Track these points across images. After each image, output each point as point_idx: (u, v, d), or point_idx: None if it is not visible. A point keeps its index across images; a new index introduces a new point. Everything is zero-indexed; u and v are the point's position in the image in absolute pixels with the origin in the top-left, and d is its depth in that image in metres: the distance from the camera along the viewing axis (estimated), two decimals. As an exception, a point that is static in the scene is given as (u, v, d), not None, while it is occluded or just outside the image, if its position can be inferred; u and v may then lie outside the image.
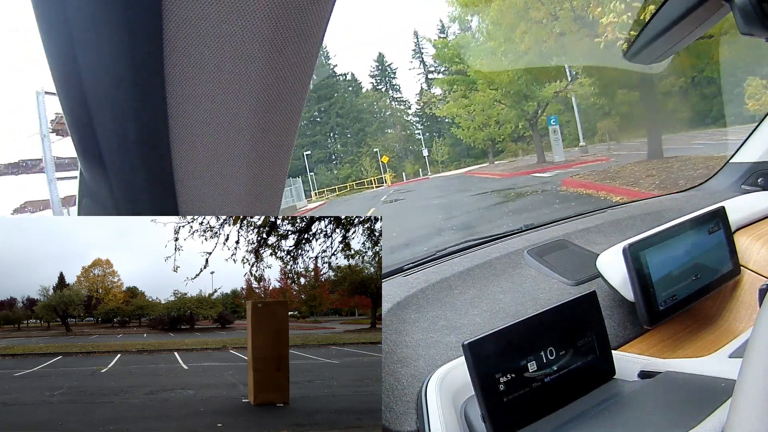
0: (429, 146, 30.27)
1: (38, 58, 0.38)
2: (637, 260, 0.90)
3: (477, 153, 26.88)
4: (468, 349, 0.63)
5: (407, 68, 45.76)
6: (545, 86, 16.64)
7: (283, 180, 0.49)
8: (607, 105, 19.81)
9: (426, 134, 32.02)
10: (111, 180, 0.41)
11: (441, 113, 21.99)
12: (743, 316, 0.99)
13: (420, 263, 1.20)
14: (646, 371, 0.73)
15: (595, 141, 21.14)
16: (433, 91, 30.50)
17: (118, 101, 0.36)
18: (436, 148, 29.88)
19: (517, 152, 24.27)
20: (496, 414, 0.63)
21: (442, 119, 30.67)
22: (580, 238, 1.27)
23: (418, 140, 31.87)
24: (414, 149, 31.87)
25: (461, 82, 18.73)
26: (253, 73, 0.37)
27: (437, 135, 31.49)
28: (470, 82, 18.17)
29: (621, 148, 17.56)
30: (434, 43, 19.76)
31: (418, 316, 0.97)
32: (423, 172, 28.68)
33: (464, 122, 19.58)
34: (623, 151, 15.87)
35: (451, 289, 1.06)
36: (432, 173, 27.74)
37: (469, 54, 17.20)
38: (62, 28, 0.34)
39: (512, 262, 1.16)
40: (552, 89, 16.74)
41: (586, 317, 0.73)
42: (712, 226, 1.01)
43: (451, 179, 20.08)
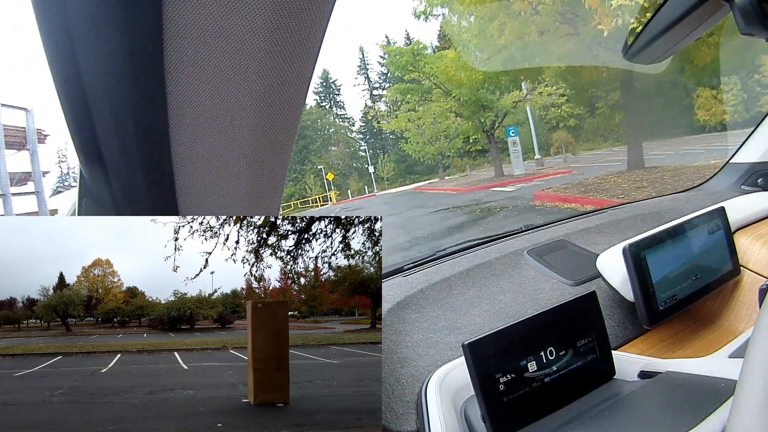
0: (374, 163, 29.70)
1: (38, 58, 0.38)
2: (637, 260, 0.90)
3: (422, 169, 26.24)
4: (468, 349, 0.63)
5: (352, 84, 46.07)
6: (504, 95, 15.71)
7: (283, 180, 0.49)
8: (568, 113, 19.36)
9: (370, 151, 31.57)
10: (111, 180, 0.41)
11: (389, 128, 20.97)
12: (743, 316, 0.99)
13: (420, 263, 1.20)
14: (646, 371, 0.73)
15: (551, 153, 20.62)
16: (379, 106, 30.22)
17: (118, 101, 0.36)
18: (382, 165, 29.26)
19: (464, 167, 23.58)
20: (496, 414, 0.63)
21: (386, 135, 30.36)
22: (580, 239, 1.27)
23: (363, 157, 31.36)
24: (358, 166, 31.39)
25: (415, 91, 17.68)
26: (253, 73, 0.37)
27: (382, 151, 31.07)
28: (424, 91, 17.23)
29: (577, 160, 17.07)
30: (386, 50, 18.13)
31: (418, 316, 0.97)
32: (369, 189, 27.99)
33: (413, 136, 18.83)
34: (579, 163, 15.42)
35: (451, 289, 1.06)
36: (378, 190, 27.05)
37: (425, 62, 15.99)
38: (62, 28, 0.34)
39: (512, 262, 1.16)
40: (511, 99, 15.94)
41: (586, 317, 0.73)
42: (712, 227, 1.01)
43: (400, 195, 19.17)
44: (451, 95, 15.70)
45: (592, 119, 21.38)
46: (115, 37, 0.33)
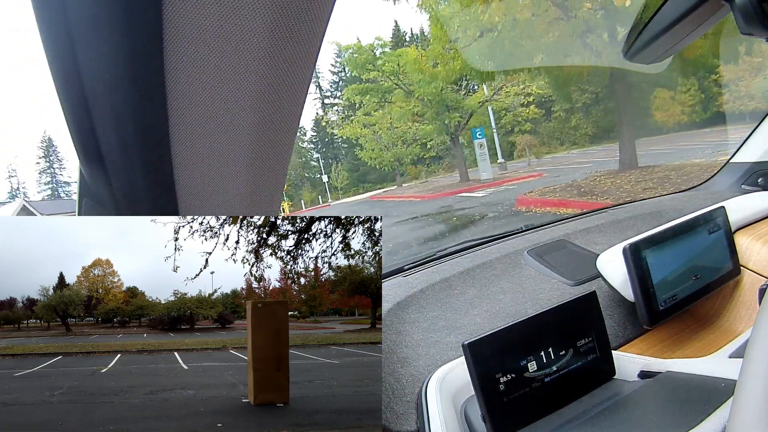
0: (327, 172, 28.70)
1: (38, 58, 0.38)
2: (637, 260, 0.90)
3: (376, 177, 24.76)
4: (468, 349, 0.63)
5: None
6: (469, 95, 14.87)
7: (283, 180, 0.49)
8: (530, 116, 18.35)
9: (323, 160, 30.66)
10: (111, 180, 0.41)
11: (342, 134, 20.02)
12: (743, 316, 0.99)
13: (420, 263, 1.20)
14: (646, 371, 0.73)
15: (514, 157, 19.82)
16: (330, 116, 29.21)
17: (118, 101, 0.36)
18: (335, 174, 27.99)
19: (418, 174, 22.35)
20: (496, 414, 0.63)
21: (339, 144, 29.40)
22: (580, 238, 1.27)
23: (315, 167, 30.36)
24: (311, 176, 30.43)
25: (375, 91, 15.73)
26: (253, 73, 0.37)
27: (335, 160, 30.14)
28: (384, 91, 15.46)
29: (540, 163, 16.33)
30: (344, 48, 16.13)
31: (418, 316, 0.97)
32: (323, 199, 26.87)
33: (368, 143, 17.40)
34: (544, 166, 14.77)
35: (451, 289, 1.06)
36: (333, 200, 25.93)
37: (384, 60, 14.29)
38: (62, 28, 0.34)
39: (512, 262, 1.16)
40: (477, 98, 14.96)
41: (586, 317, 0.73)
42: (712, 226, 1.01)
43: (358, 204, 18.38)
44: (414, 95, 14.38)
45: (548, 123, 20.88)
46: (115, 37, 0.33)
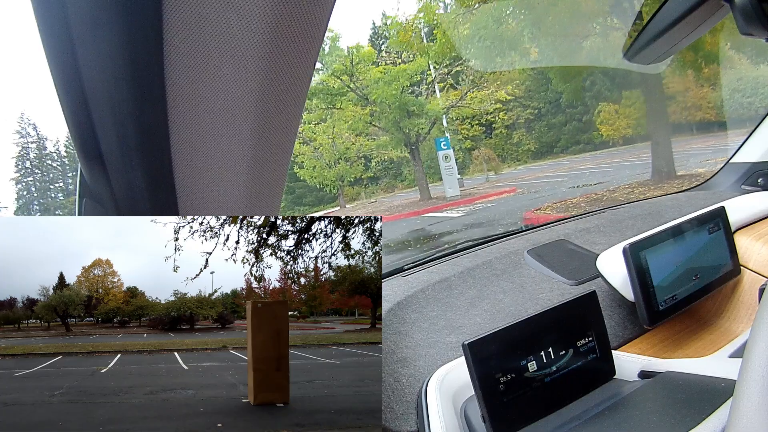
0: None
1: (38, 58, 0.38)
2: (637, 260, 0.90)
3: (312, 200, 22.24)
4: (468, 349, 0.63)
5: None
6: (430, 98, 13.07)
7: (283, 180, 0.49)
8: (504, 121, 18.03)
9: None
10: (111, 180, 0.41)
11: None
12: (743, 316, 0.99)
13: (420, 263, 1.20)
14: (646, 371, 0.73)
15: (472, 172, 18.59)
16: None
17: (118, 101, 0.36)
18: None
19: (356, 195, 20.29)
20: (496, 414, 0.63)
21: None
22: (580, 238, 1.27)
23: None
24: None
25: (324, 93, 12.84)
26: (253, 74, 0.37)
27: None
28: (335, 95, 12.97)
29: (499, 179, 15.30)
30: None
31: (418, 316, 0.97)
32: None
33: (308, 161, 15.06)
34: (505, 181, 13.85)
35: (451, 289, 1.06)
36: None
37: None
38: (62, 28, 0.34)
39: (512, 262, 1.16)
40: (442, 102, 13.16)
41: (586, 317, 0.73)
42: (712, 226, 1.01)
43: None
44: (369, 99, 12.46)
45: (489, 140, 20.01)
46: (115, 37, 0.33)
